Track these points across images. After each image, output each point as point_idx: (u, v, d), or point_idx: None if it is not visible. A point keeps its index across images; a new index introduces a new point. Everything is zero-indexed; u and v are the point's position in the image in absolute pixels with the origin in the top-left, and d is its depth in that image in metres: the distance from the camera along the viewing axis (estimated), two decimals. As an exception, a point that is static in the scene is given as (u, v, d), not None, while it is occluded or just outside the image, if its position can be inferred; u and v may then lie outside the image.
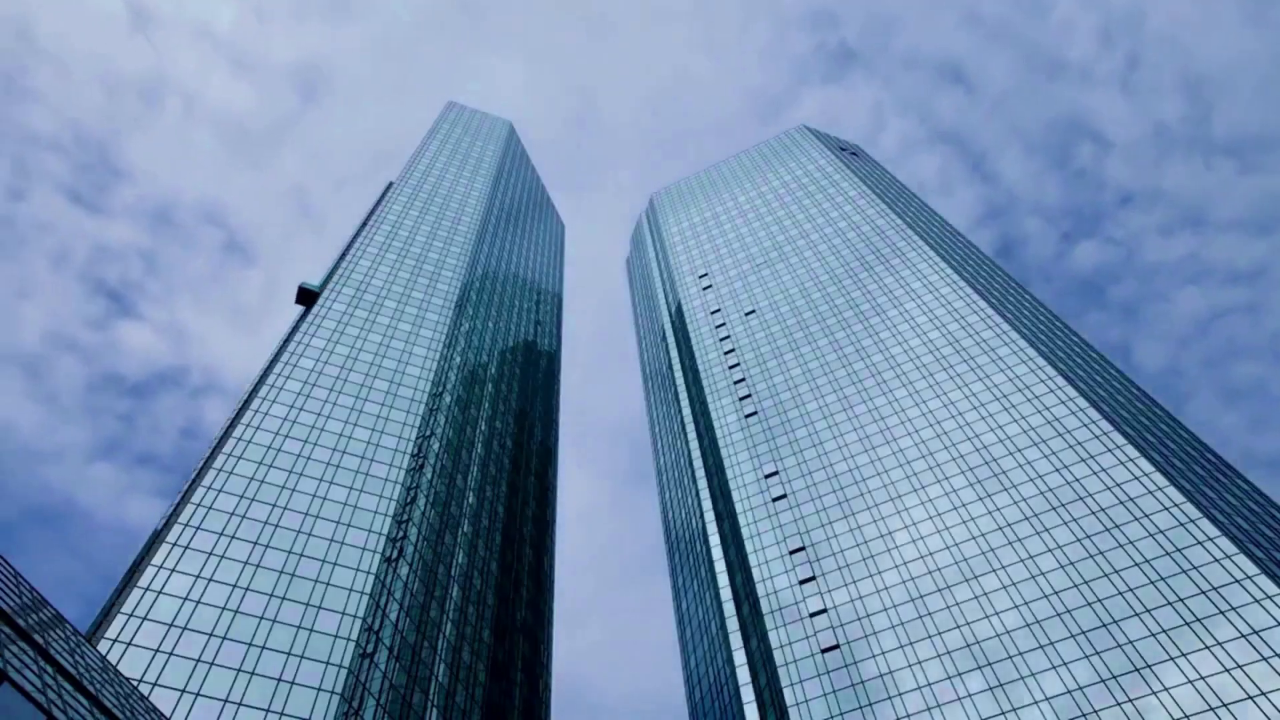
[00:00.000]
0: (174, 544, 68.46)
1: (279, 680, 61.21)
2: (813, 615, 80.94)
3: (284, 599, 67.75)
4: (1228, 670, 60.96)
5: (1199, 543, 70.00)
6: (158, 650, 59.63)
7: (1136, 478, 77.94)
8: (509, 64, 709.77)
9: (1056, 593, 72.12)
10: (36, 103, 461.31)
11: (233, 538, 71.20)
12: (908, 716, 68.89)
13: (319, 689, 61.60)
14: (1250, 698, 58.71)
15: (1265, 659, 60.47)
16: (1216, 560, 68.12)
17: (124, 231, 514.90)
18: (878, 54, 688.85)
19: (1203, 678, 61.27)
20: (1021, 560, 76.19)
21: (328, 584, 70.59)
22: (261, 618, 65.38)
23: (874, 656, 74.70)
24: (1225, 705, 59.08)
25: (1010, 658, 69.31)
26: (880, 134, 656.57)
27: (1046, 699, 65.13)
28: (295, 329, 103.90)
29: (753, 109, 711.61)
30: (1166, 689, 61.72)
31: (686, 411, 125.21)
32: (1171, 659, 63.37)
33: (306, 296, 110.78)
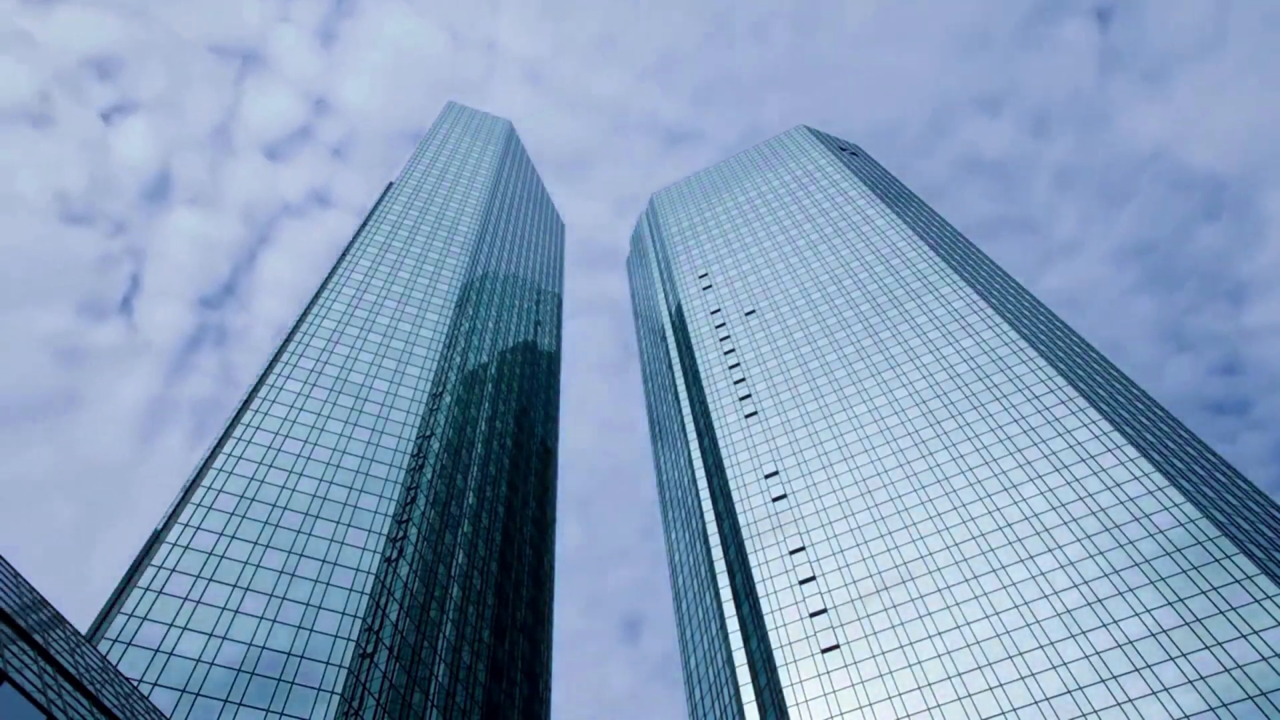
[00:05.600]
0: (174, 544, 68.51)
1: (279, 680, 61.25)
2: (813, 615, 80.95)
3: (284, 599, 67.80)
4: (1227, 670, 60.97)
5: (1199, 543, 70.02)
6: (158, 650, 59.68)
7: (1137, 478, 77.96)
8: (509, 63, 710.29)
9: (1056, 593, 72.13)
10: None
11: (233, 538, 71.25)
12: (908, 716, 68.90)
13: (319, 689, 61.64)
14: (1250, 698, 58.72)
15: (1265, 659, 60.48)
16: (1216, 560, 68.13)
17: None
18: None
19: (1202, 678, 61.28)
20: (1021, 560, 76.20)
21: (328, 584, 70.63)
22: (261, 618, 65.43)
23: (874, 657, 74.71)
24: (1225, 705, 59.09)
25: (1010, 658, 69.32)
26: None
27: (1046, 699, 65.13)
28: (295, 329, 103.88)
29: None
30: (1166, 689, 61.73)
31: (686, 411, 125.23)
32: (1171, 659, 63.38)
33: None
